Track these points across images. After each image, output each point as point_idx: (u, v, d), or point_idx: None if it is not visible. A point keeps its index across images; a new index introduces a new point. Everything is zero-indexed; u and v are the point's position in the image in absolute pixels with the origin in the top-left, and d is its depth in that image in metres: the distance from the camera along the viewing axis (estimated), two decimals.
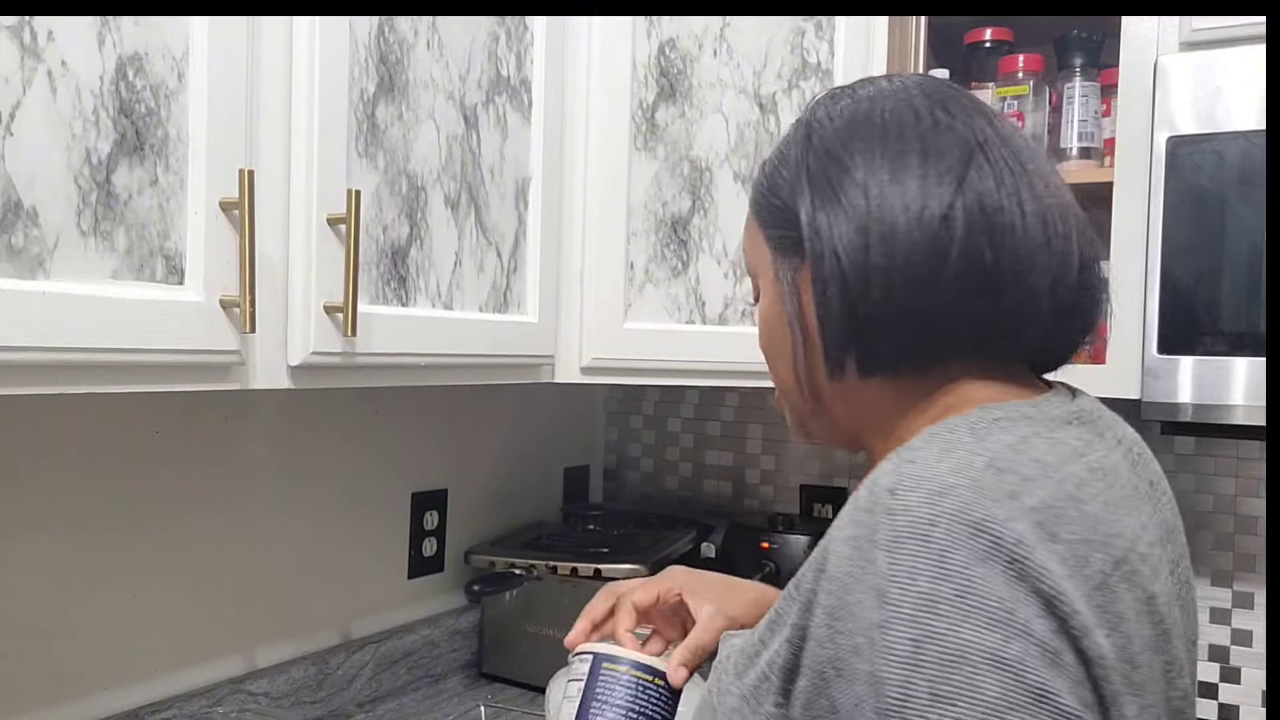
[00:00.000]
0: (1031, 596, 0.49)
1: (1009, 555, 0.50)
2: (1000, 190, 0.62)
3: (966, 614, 0.48)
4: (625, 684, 0.77)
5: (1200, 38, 1.25)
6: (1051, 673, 0.48)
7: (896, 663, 0.48)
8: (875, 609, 0.50)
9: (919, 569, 0.49)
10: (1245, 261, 1.16)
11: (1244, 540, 1.52)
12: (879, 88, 0.68)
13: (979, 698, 0.47)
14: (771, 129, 1.34)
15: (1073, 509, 0.53)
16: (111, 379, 0.77)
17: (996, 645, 0.48)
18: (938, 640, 0.48)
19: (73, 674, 1.11)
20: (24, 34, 0.70)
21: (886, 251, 0.61)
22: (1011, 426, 0.58)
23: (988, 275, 0.61)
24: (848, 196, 0.63)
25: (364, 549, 1.47)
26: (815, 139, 0.67)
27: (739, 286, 1.33)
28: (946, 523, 0.50)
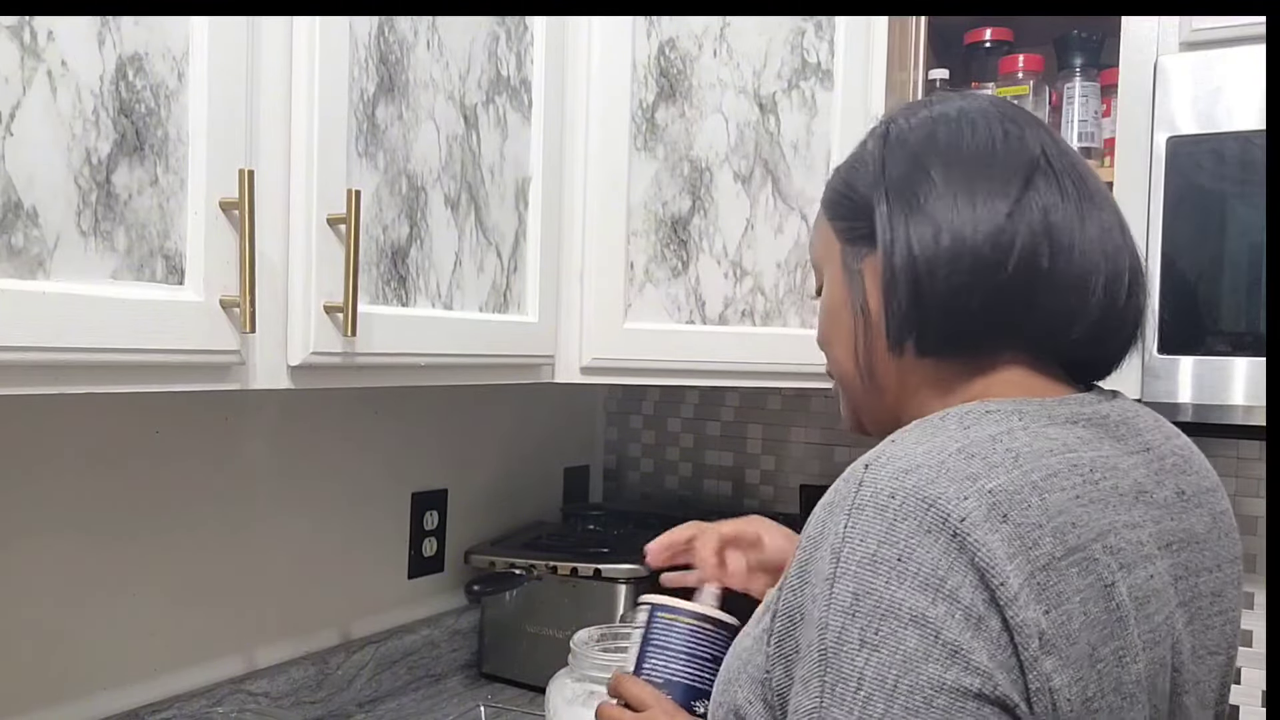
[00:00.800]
0: (966, 568, 0.55)
1: (952, 530, 0.56)
2: (1065, 203, 0.68)
3: (902, 576, 0.55)
4: (680, 630, 0.85)
5: (1200, 38, 1.25)
6: (970, 634, 0.54)
7: (837, 611, 0.56)
8: (829, 564, 0.57)
9: (869, 533, 0.57)
10: (1245, 261, 1.16)
11: (1244, 540, 1.52)
12: (955, 103, 0.74)
13: (900, 648, 0.54)
14: (771, 129, 1.34)
15: (1033, 496, 0.58)
16: (111, 379, 0.77)
17: (923, 606, 0.54)
18: (873, 595, 0.55)
19: (73, 674, 1.11)
20: (24, 34, 0.70)
21: (954, 250, 0.67)
22: (1001, 419, 0.64)
23: (1042, 279, 0.67)
24: (923, 196, 0.69)
25: (364, 549, 1.47)
26: (895, 142, 0.73)
27: (739, 286, 1.33)
28: (903, 496, 0.57)
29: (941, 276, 0.67)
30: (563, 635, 1.50)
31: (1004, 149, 0.70)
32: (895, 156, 0.72)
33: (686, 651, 0.85)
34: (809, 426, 1.84)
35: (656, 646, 0.86)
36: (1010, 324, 0.68)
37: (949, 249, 0.67)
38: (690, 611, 0.86)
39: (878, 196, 0.72)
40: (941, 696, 0.53)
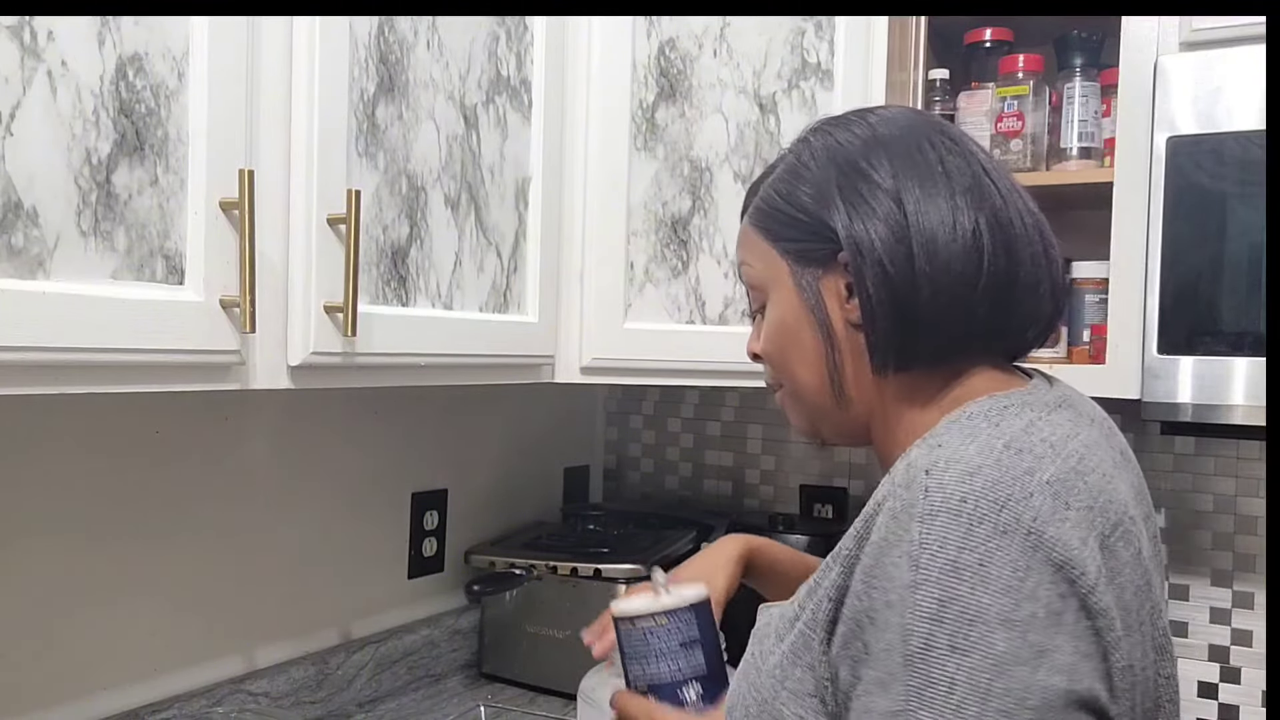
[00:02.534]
0: (1043, 565, 0.57)
1: (1026, 529, 0.58)
2: (1008, 208, 0.71)
3: (985, 580, 0.56)
4: (638, 635, 0.86)
5: (1200, 38, 1.25)
6: (1052, 631, 0.56)
7: (922, 618, 0.57)
8: (908, 571, 0.58)
9: (948, 539, 0.58)
10: (1245, 261, 1.16)
11: (1244, 540, 1.52)
12: (884, 115, 0.76)
13: (990, 651, 0.56)
14: (771, 129, 1.34)
15: (1079, 481, 0.61)
16: (111, 379, 0.77)
17: (1008, 609, 0.56)
18: (959, 601, 0.57)
19: (73, 674, 1.11)
20: (24, 34, 0.70)
21: (930, 262, 0.69)
22: (1019, 412, 0.67)
23: (1009, 282, 0.70)
24: (882, 206, 0.70)
25: (364, 549, 1.47)
26: (838, 156, 0.74)
27: (739, 286, 1.33)
28: (975, 500, 0.59)
29: (923, 296, 0.69)
30: (563, 635, 1.50)
31: (953, 162, 0.71)
32: (847, 176, 0.72)
33: (654, 652, 0.86)
34: None
35: (628, 657, 0.87)
36: (983, 334, 0.71)
37: (926, 270, 0.69)
38: (639, 614, 0.86)
39: (836, 218, 0.72)
40: (1033, 697, 0.55)
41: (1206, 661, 1.54)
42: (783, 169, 0.78)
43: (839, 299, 0.74)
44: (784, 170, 0.78)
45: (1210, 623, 1.54)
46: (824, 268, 0.74)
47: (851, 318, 0.73)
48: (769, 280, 0.78)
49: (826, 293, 0.74)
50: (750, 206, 0.81)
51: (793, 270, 0.76)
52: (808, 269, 0.75)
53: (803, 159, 0.76)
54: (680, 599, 0.86)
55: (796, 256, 0.75)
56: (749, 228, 0.80)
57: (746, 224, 0.81)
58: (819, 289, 0.74)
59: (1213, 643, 1.54)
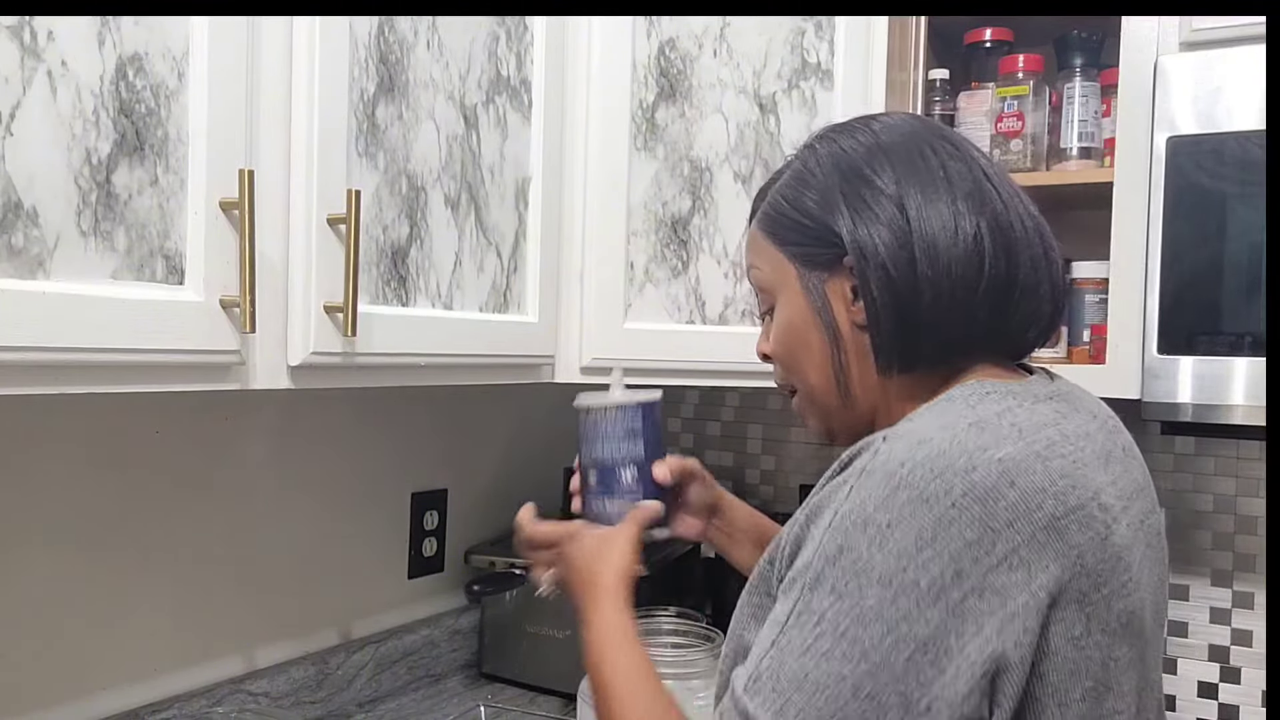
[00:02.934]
0: (951, 540, 0.61)
1: (952, 500, 0.61)
2: (1008, 212, 0.74)
3: (884, 541, 0.61)
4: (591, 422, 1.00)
5: (1200, 38, 1.25)
6: (926, 603, 0.60)
7: (821, 557, 0.63)
8: (830, 518, 0.65)
9: (870, 497, 0.63)
10: (1245, 261, 1.16)
11: (1244, 540, 1.52)
12: (887, 122, 0.78)
13: (858, 603, 0.61)
14: (771, 129, 1.34)
15: (1037, 464, 0.64)
16: (111, 379, 0.77)
17: (892, 570, 0.61)
18: (854, 553, 0.62)
19: (73, 674, 1.11)
20: (24, 34, 0.70)
21: (932, 265, 0.71)
22: (999, 399, 0.69)
23: (1009, 284, 0.72)
24: (885, 212, 0.73)
25: (364, 549, 1.47)
26: (843, 163, 0.76)
27: (739, 286, 1.33)
28: (911, 466, 0.63)
29: (925, 299, 0.72)
30: (563, 635, 1.50)
31: (955, 168, 0.74)
32: (851, 182, 0.75)
33: (600, 436, 1.00)
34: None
35: (581, 440, 1.01)
36: (983, 335, 0.74)
37: (926, 273, 0.71)
38: (593, 406, 1.00)
39: (841, 223, 0.75)
40: (876, 655, 0.60)
41: (1206, 661, 1.54)
42: (789, 175, 0.81)
43: (845, 301, 0.76)
44: (790, 177, 0.80)
45: (1210, 623, 1.54)
46: (830, 271, 0.76)
47: (857, 319, 0.76)
48: (777, 283, 0.81)
49: (832, 295, 0.77)
50: (758, 212, 0.83)
51: (800, 274, 0.78)
52: (814, 272, 0.77)
53: (808, 166, 0.79)
54: (629, 397, 0.99)
55: (803, 260, 0.78)
56: (757, 232, 0.83)
57: (754, 229, 0.83)
58: (825, 292, 0.77)
59: (1213, 643, 1.54)
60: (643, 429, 1.00)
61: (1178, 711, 1.56)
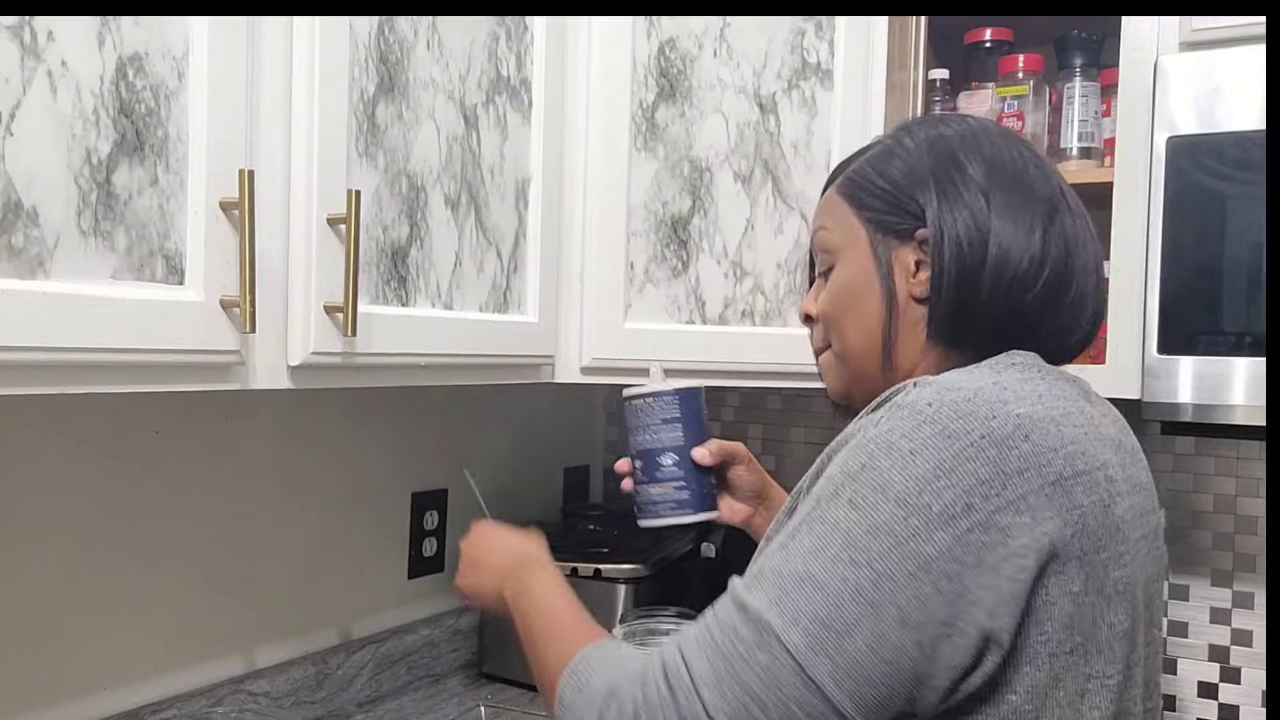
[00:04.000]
0: (966, 476, 0.64)
1: (970, 440, 0.65)
2: (1075, 225, 0.79)
3: (906, 465, 0.65)
4: (631, 411, 1.06)
5: (1200, 38, 1.25)
6: (934, 526, 0.63)
7: (841, 472, 0.68)
8: (856, 442, 0.69)
9: (896, 427, 0.67)
10: (1245, 261, 1.16)
11: (1244, 540, 1.52)
12: (983, 122, 0.83)
13: (872, 515, 0.65)
14: (771, 129, 1.34)
15: (1050, 426, 0.68)
16: (111, 379, 0.77)
17: (909, 491, 0.64)
18: (875, 470, 0.66)
19: (73, 674, 1.11)
20: (24, 34, 0.70)
21: (1001, 256, 0.76)
22: (1022, 371, 0.74)
23: (1060, 292, 0.78)
24: (971, 197, 0.78)
25: (364, 549, 1.47)
26: (939, 145, 0.81)
27: (739, 286, 1.33)
28: (938, 405, 0.67)
29: (986, 284, 0.76)
30: None
31: (1035, 175, 0.79)
32: (943, 164, 0.80)
33: (641, 425, 1.05)
34: (809, 426, 1.84)
35: (627, 429, 1.07)
36: (1026, 331, 0.78)
37: (995, 261, 0.76)
38: (633, 395, 1.06)
39: (927, 198, 0.79)
40: (882, 563, 0.64)
41: (1206, 661, 1.54)
42: (879, 150, 0.85)
43: (907, 272, 0.81)
44: (881, 150, 0.85)
45: (1210, 623, 1.54)
46: (900, 240, 0.81)
47: (915, 291, 0.80)
48: (844, 245, 0.85)
49: (897, 264, 0.81)
50: (840, 178, 0.88)
51: (871, 238, 0.83)
52: (885, 238, 0.82)
53: (903, 143, 0.83)
54: (666, 385, 1.05)
55: (877, 226, 0.82)
56: (835, 196, 0.87)
57: (833, 193, 0.87)
58: (891, 259, 0.81)
59: (1213, 643, 1.54)
60: (681, 416, 1.04)
61: (1178, 711, 1.56)
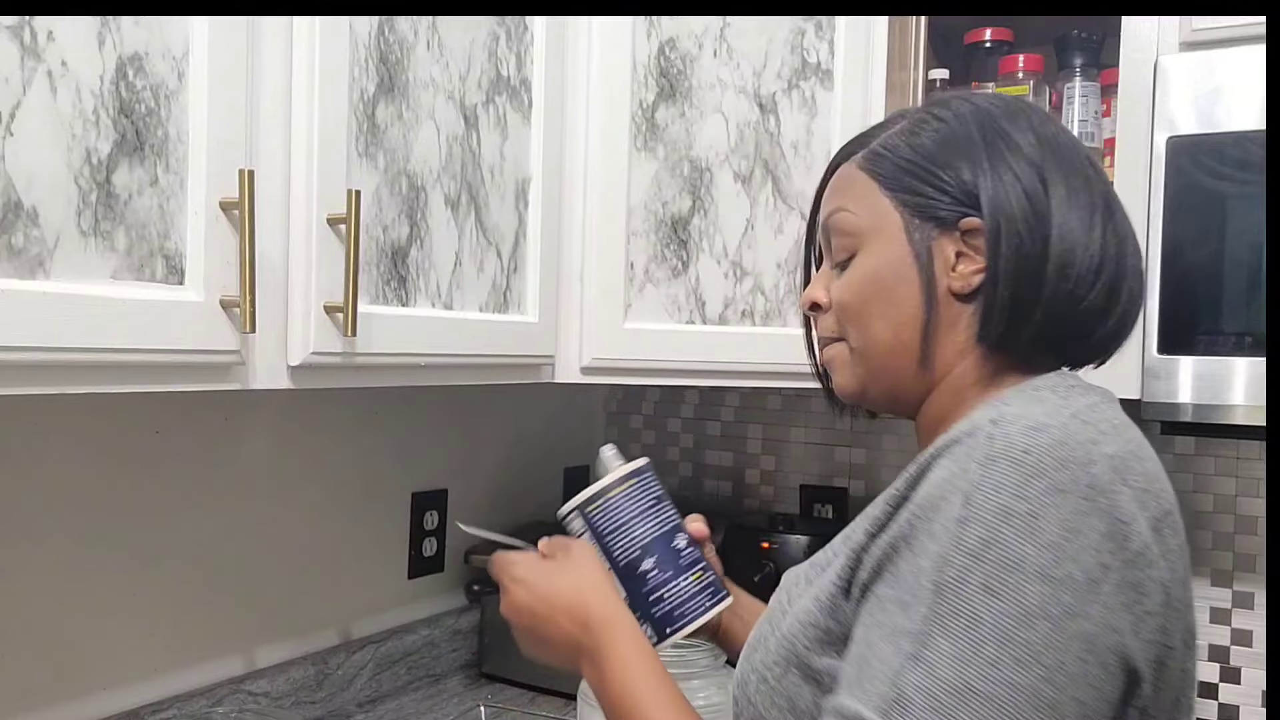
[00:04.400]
0: (1092, 530, 0.58)
1: (1083, 492, 0.58)
2: (1128, 227, 0.72)
3: (1033, 531, 0.57)
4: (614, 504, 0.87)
5: (1200, 38, 1.25)
6: (1087, 596, 0.57)
7: (963, 552, 0.58)
8: (960, 508, 0.59)
9: (1004, 484, 0.58)
10: (1245, 262, 1.16)
11: (1244, 540, 1.52)
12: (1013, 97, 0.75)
13: (1021, 601, 0.56)
14: (771, 129, 1.34)
15: (1136, 463, 0.63)
16: (111, 379, 0.77)
17: (1048, 564, 0.57)
18: (1002, 545, 0.57)
19: (73, 674, 1.11)
20: (24, 34, 0.70)
21: (1065, 252, 0.68)
22: (1084, 393, 0.68)
23: (1112, 298, 0.70)
24: (1026, 179, 0.69)
25: (364, 549, 1.47)
26: (984, 119, 0.72)
27: (739, 286, 1.33)
28: (1038, 454, 0.59)
29: (1049, 283, 0.68)
30: None
31: (1091, 169, 0.71)
32: (993, 139, 0.70)
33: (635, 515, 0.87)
34: (809, 426, 1.84)
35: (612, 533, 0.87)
36: (1075, 338, 0.71)
37: (1058, 257, 0.68)
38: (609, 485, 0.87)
39: (979, 180, 0.70)
40: (1050, 654, 0.56)
41: (1206, 661, 1.54)
42: (908, 123, 0.75)
43: (946, 264, 0.71)
44: (912, 123, 0.75)
45: (1210, 623, 1.54)
46: (941, 228, 0.71)
47: (955, 286, 0.71)
48: (871, 230, 0.74)
49: (938, 254, 0.71)
50: (863, 152, 0.77)
51: (906, 223, 0.72)
52: (924, 224, 0.72)
53: (939, 116, 0.73)
54: (634, 464, 0.89)
55: (915, 210, 0.72)
56: (858, 173, 0.76)
57: (854, 169, 0.76)
58: (931, 247, 0.71)
59: (1213, 643, 1.54)
60: (662, 490, 0.91)
61: None
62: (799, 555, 1.56)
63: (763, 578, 1.55)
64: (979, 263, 0.70)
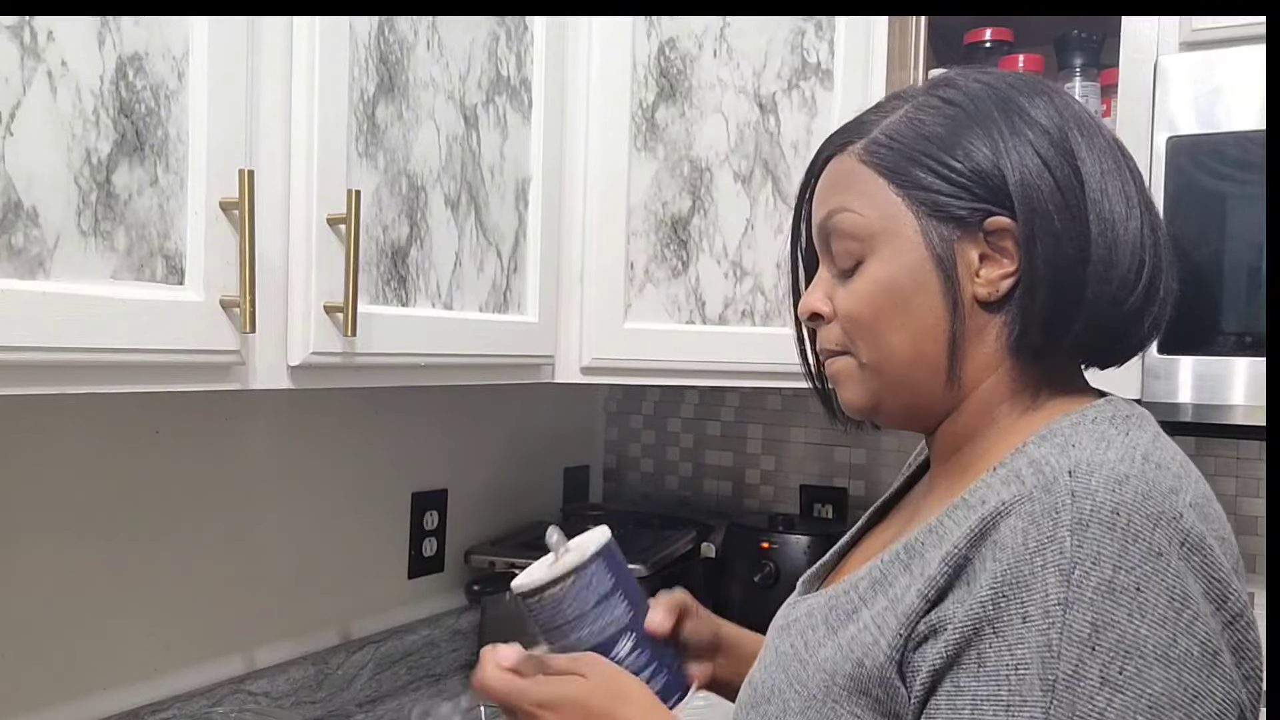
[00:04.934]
0: (1198, 596, 0.53)
1: (1179, 553, 0.53)
2: (1159, 218, 0.65)
3: (1143, 608, 0.52)
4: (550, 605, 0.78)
5: (1200, 38, 1.25)
6: (1206, 673, 0.52)
7: (1074, 641, 0.52)
8: (1058, 586, 0.52)
9: (1103, 555, 0.52)
10: (1245, 262, 1.16)
11: (1244, 540, 1.52)
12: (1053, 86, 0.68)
13: (1145, 690, 0.51)
14: (771, 129, 1.34)
15: (1211, 508, 0.58)
16: (111, 379, 0.77)
17: (1165, 643, 0.52)
18: (1116, 629, 0.51)
19: (73, 674, 1.10)
20: (24, 34, 0.69)
21: (1108, 249, 0.61)
22: (1141, 424, 0.62)
23: (1152, 300, 0.64)
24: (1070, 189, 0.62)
25: (364, 549, 1.47)
26: (1018, 114, 0.64)
27: (739, 286, 1.33)
28: (1128, 511, 0.53)
29: (1091, 287, 0.61)
30: None
31: (1120, 151, 0.64)
32: (1019, 126, 0.63)
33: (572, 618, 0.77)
34: (809, 426, 1.84)
35: (546, 632, 0.80)
36: (1114, 341, 0.65)
37: (1100, 258, 0.61)
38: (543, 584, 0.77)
39: (1005, 172, 0.62)
40: None
41: None
42: (915, 107, 0.67)
43: (969, 269, 0.64)
44: (918, 107, 0.66)
45: None
46: (963, 229, 0.64)
47: (981, 293, 0.64)
48: (882, 233, 0.66)
49: (960, 258, 0.64)
50: (860, 144, 0.68)
51: (923, 225, 0.64)
52: (943, 225, 0.64)
53: (947, 97, 0.66)
54: (582, 553, 0.77)
55: (933, 209, 0.64)
56: (860, 166, 0.67)
57: (854, 163, 0.68)
58: (953, 252, 0.64)
59: None
60: (616, 582, 0.78)
61: None
62: (799, 555, 1.56)
63: (762, 577, 1.55)
64: (1007, 266, 0.63)
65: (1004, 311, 0.64)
